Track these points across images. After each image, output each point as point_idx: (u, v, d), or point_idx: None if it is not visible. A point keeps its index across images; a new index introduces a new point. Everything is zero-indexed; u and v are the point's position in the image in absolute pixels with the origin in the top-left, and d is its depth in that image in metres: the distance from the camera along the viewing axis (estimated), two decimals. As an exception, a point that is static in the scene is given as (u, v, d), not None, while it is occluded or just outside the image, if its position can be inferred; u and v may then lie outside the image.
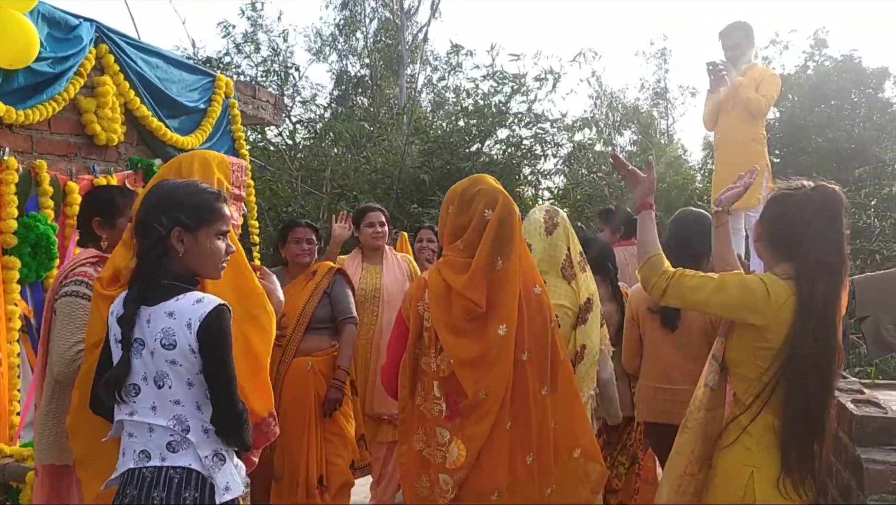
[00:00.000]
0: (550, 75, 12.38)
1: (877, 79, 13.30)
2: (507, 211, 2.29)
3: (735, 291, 2.14)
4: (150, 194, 2.04)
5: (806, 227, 2.12)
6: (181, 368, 1.88)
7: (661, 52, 19.54)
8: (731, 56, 5.21)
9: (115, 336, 1.95)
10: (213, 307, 1.89)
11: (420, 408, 2.24)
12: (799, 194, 2.18)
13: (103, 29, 3.97)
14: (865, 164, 11.78)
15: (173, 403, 1.89)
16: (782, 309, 2.09)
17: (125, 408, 1.92)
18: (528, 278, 2.34)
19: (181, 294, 1.92)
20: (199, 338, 1.86)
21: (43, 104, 3.56)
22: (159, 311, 1.90)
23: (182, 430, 1.89)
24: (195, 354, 1.88)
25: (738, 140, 5.13)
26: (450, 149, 11.56)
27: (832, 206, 2.14)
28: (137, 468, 1.89)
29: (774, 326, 2.09)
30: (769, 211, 2.26)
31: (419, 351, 2.26)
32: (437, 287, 2.25)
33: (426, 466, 2.22)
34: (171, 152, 4.36)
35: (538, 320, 2.32)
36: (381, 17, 17.26)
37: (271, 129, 12.86)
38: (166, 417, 1.89)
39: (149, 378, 1.90)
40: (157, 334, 1.88)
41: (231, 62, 15.73)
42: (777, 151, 12.84)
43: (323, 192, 11.78)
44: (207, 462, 1.89)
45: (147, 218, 1.96)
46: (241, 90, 5.34)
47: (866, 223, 10.95)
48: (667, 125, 19.03)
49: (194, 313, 1.88)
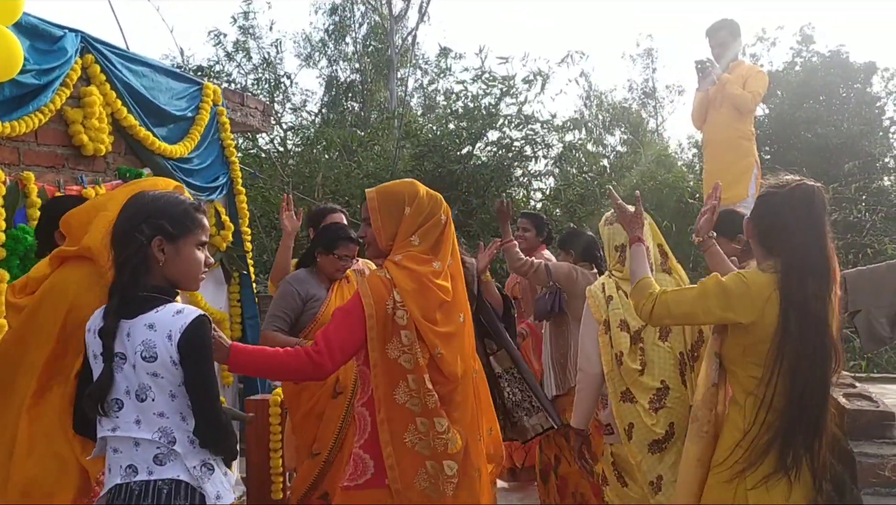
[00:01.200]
0: (539, 77, 12.41)
1: (864, 73, 13.39)
2: (450, 215, 2.49)
3: (714, 295, 2.20)
4: (130, 204, 2.01)
5: (788, 224, 2.18)
6: (163, 381, 1.87)
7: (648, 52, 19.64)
8: (718, 54, 5.23)
9: (93, 351, 1.94)
10: (193, 318, 1.88)
11: (406, 405, 2.25)
12: (782, 192, 2.23)
13: (88, 39, 3.96)
14: (855, 159, 11.85)
15: (157, 415, 1.88)
16: (767, 304, 2.11)
17: (108, 424, 1.91)
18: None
19: (160, 305, 1.91)
20: (180, 349, 1.85)
21: (29, 116, 3.54)
22: (139, 323, 1.88)
23: (168, 442, 1.87)
24: (176, 365, 1.86)
25: (726, 138, 5.16)
26: (441, 152, 11.57)
27: (812, 202, 2.20)
28: (125, 483, 1.87)
29: (761, 322, 2.12)
30: (756, 209, 2.32)
31: (396, 351, 2.27)
32: (407, 281, 2.28)
33: (422, 459, 2.25)
34: (159, 161, 4.34)
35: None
36: (370, 22, 17.27)
37: (262, 137, 12.85)
38: (151, 431, 1.87)
39: (131, 392, 1.88)
40: (137, 347, 1.87)
41: (222, 70, 15.72)
42: (766, 148, 12.90)
43: (315, 198, 11.77)
44: (196, 472, 1.88)
45: (127, 227, 1.94)
46: (229, 98, 5.33)
47: (857, 217, 11.01)
48: (656, 124, 19.10)
49: (174, 325, 1.87)
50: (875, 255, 9.75)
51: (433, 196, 2.44)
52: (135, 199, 2.02)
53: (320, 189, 11.70)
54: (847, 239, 10.40)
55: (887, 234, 10.72)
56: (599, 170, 12.51)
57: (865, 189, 11.67)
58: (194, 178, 4.66)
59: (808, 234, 2.16)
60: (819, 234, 2.17)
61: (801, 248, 2.14)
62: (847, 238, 10.45)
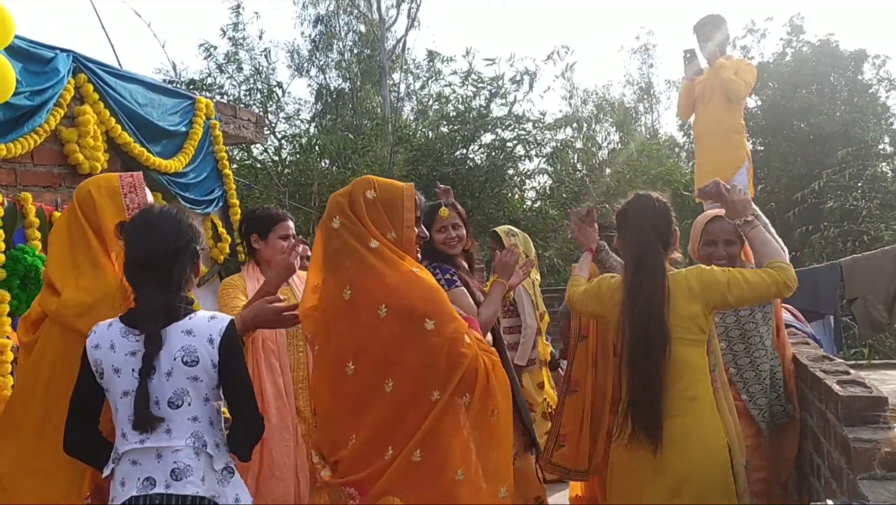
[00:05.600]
0: (526, 76, 12.46)
1: (855, 61, 13.44)
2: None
3: (589, 291, 2.73)
4: (171, 220, 2.06)
5: (626, 231, 2.64)
6: (201, 385, 1.94)
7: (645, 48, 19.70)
8: (705, 49, 5.27)
9: (112, 365, 1.94)
10: (228, 321, 1.99)
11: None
12: (624, 203, 2.71)
13: (80, 59, 3.99)
14: (848, 147, 11.89)
15: (191, 420, 1.93)
16: (612, 300, 2.58)
17: (134, 437, 1.92)
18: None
19: (190, 313, 1.99)
20: (221, 352, 1.94)
21: (24, 137, 3.56)
22: (174, 331, 1.95)
23: (201, 445, 1.93)
24: (216, 368, 1.94)
25: (717, 132, 5.19)
26: (434, 156, 11.61)
27: (643, 210, 2.60)
28: (141, 495, 1.89)
29: (611, 315, 2.59)
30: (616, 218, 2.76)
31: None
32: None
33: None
34: (154, 177, 4.37)
35: None
36: (355, 31, 17.33)
37: (256, 147, 12.88)
38: (184, 437, 1.92)
39: (161, 401, 1.92)
40: (175, 353, 1.92)
41: (214, 83, 15.75)
42: (760, 139, 12.94)
43: (311, 206, 11.80)
44: (219, 476, 1.94)
45: (179, 241, 2.02)
46: (221, 110, 5.36)
47: (853, 205, 11.05)
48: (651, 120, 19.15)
49: (213, 329, 1.96)
50: (872, 241, 9.78)
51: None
52: (175, 217, 2.07)
53: (316, 198, 11.73)
54: (843, 227, 10.44)
55: (883, 221, 10.76)
56: (592, 166, 12.55)
57: (860, 176, 11.70)
58: (190, 192, 4.68)
59: (640, 236, 2.56)
60: (647, 236, 2.55)
61: (633, 249, 2.56)
62: (843, 226, 10.48)
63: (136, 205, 2.29)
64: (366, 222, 2.30)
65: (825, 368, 2.60)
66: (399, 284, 2.22)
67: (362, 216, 2.30)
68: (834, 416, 2.27)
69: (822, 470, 2.44)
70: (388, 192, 2.38)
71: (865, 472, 1.98)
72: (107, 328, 1.98)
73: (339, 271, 2.28)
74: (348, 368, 2.20)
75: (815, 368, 2.63)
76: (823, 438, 2.42)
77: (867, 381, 2.38)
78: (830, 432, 2.31)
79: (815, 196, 10.54)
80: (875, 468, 1.98)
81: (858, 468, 1.98)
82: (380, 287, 2.21)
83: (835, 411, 2.26)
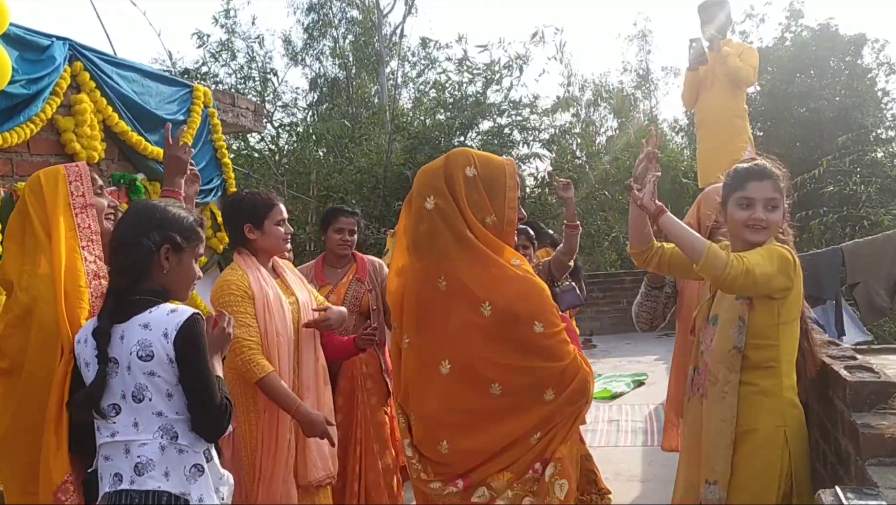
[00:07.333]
0: (518, 61, 12.39)
1: (854, 46, 13.36)
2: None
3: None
4: (139, 210, 2.06)
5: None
6: (159, 380, 1.89)
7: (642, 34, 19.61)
8: (709, 30, 5.24)
9: (85, 359, 1.94)
10: (188, 316, 1.91)
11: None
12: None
13: (76, 47, 3.94)
14: (848, 132, 11.84)
15: (156, 414, 1.89)
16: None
17: (106, 430, 1.91)
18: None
19: (153, 307, 1.94)
20: (176, 347, 1.88)
21: (21, 126, 3.53)
22: (132, 324, 1.91)
23: (170, 439, 1.89)
24: (172, 363, 1.89)
25: (720, 118, 5.17)
26: (432, 143, 11.56)
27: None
28: (112, 491, 1.88)
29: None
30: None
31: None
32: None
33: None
34: (152, 166, 4.34)
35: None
36: (349, 18, 17.22)
37: (254, 136, 12.82)
38: (151, 431, 1.89)
39: (127, 395, 1.89)
40: (132, 347, 1.89)
41: (209, 72, 15.66)
42: (760, 124, 12.88)
43: (309, 195, 11.77)
44: (188, 473, 1.90)
45: (136, 232, 1.98)
46: (219, 99, 5.32)
47: (853, 190, 11.02)
48: (650, 106, 19.09)
49: (170, 323, 1.90)
50: (872, 226, 9.76)
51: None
52: (144, 207, 2.07)
53: (315, 186, 11.69)
54: (843, 212, 10.41)
55: (883, 206, 10.73)
56: (591, 153, 12.51)
57: (860, 161, 11.67)
58: (189, 181, 4.65)
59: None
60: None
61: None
62: (843, 211, 10.45)
63: (81, 193, 2.27)
64: (463, 206, 2.10)
65: (832, 354, 2.59)
66: (502, 281, 2.05)
67: (460, 197, 2.11)
68: (842, 401, 2.25)
69: (828, 456, 2.43)
70: (489, 168, 2.17)
71: (874, 457, 1.96)
72: (90, 323, 1.98)
73: (430, 257, 2.11)
74: (443, 367, 2.07)
75: (822, 353, 2.61)
76: (830, 425, 2.40)
77: (874, 366, 2.37)
78: (838, 418, 2.30)
79: (814, 181, 10.51)
80: (884, 454, 1.96)
81: (867, 454, 1.97)
82: (480, 283, 2.05)
83: (842, 397, 2.24)
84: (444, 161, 2.19)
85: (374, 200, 11.30)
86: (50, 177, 2.25)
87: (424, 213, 2.13)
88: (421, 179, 2.19)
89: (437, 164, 2.21)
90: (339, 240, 3.84)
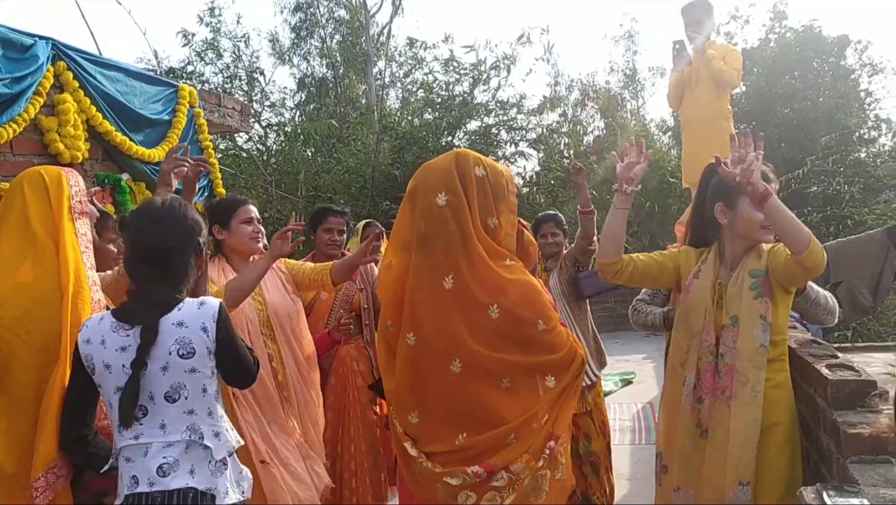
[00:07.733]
0: (506, 61, 12.42)
1: (838, 47, 13.47)
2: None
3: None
4: (177, 215, 2.02)
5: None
6: (198, 375, 1.91)
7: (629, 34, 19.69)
8: (693, 31, 5.26)
9: (103, 361, 1.90)
10: (218, 304, 1.97)
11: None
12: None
13: (60, 46, 3.91)
14: (832, 132, 11.94)
15: (187, 413, 1.91)
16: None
17: (129, 432, 1.89)
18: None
19: (177, 304, 1.95)
20: (217, 338, 1.92)
21: (3, 126, 3.50)
22: (165, 323, 1.90)
23: (197, 438, 1.90)
24: (211, 354, 1.93)
25: (705, 118, 5.20)
26: (419, 143, 11.56)
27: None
28: (131, 494, 1.86)
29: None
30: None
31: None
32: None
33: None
34: (137, 166, 4.32)
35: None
36: (336, 18, 17.17)
37: (241, 136, 12.77)
38: (179, 431, 1.89)
39: (157, 396, 1.89)
40: (171, 347, 1.89)
41: (195, 71, 15.55)
42: (744, 125, 12.96)
43: (298, 195, 11.73)
44: (213, 468, 1.90)
45: (185, 238, 2.01)
46: (205, 99, 5.30)
47: (836, 190, 11.11)
48: (637, 106, 19.16)
49: (205, 316, 1.93)
50: (855, 226, 9.84)
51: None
52: (181, 211, 2.04)
53: (303, 186, 11.66)
54: (826, 211, 10.51)
55: (866, 205, 10.83)
56: (579, 152, 12.55)
57: (843, 161, 11.77)
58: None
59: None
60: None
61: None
62: (827, 211, 10.55)
63: (79, 199, 2.24)
64: (473, 205, 2.11)
65: (813, 353, 2.61)
66: (508, 284, 2.09)
67: (472, 197, 2.11)
68: (823, 400, 2.28)
69: (811, 454, 2.45)
70: (495, 171, 2.18)
71: (855, 455, 1.98)
72: (98, 322, 1.95)
73: (436, 254, 2.10)
74: (454, 366, 2.08)
75: (804, 352, 2.63)
76: (812, 422, 2.43)
77: (856, 364, 2.39)
78: (820, 416, 2.32)
79: (798, 181, 10.60)
80: (864, 452, 1.98)
81: (848, 452, 1.99)
82: (488, 284, 2.08)
83: (824, 395, 2.27)
84: (454, 159, 2.18)
85: (362, 200, 11.29)
86: (54, 178, 2.21)
87: (435, 210, 2.11)
88: (430, 176, 2.17)
89: (444, 161, 2.19)
90: (328, 240, 3.83)
